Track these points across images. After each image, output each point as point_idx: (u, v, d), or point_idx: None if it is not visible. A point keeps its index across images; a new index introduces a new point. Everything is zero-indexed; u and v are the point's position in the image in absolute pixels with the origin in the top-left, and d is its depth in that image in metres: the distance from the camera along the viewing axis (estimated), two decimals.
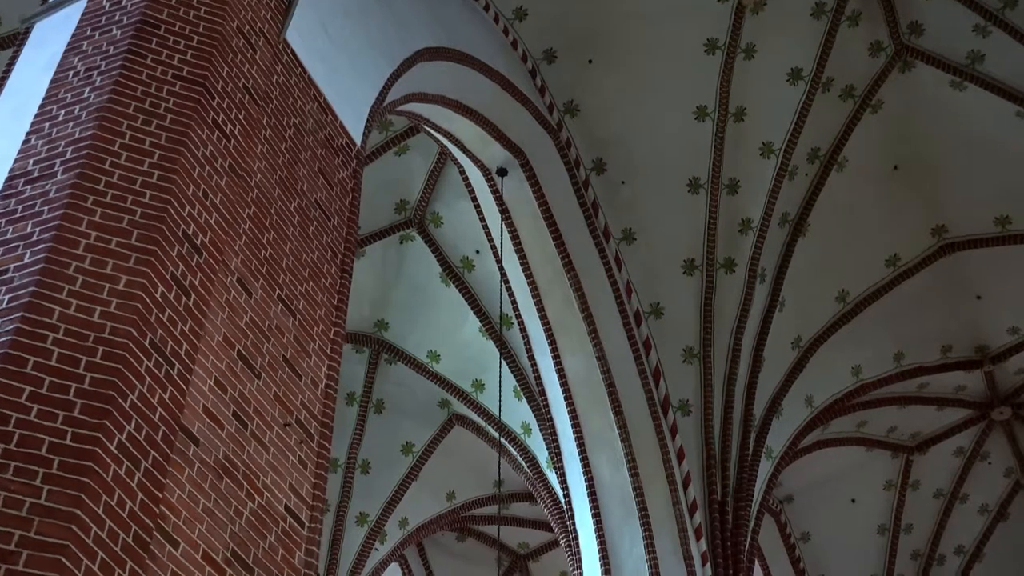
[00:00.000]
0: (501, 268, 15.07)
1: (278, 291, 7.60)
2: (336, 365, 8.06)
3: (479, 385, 17.54)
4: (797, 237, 16.09)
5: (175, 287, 6.10)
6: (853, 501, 20.45)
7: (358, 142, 9.55)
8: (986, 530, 21.14)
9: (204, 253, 6.44)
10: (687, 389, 15.55)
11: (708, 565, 14.50)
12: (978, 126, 15.75)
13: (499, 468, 14.42)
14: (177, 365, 5.95)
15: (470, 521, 20.50)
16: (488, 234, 15.19)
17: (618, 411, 15.03)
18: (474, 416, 17.92)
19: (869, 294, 17.15)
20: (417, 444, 18.81)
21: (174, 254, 6.19)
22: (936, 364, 18.48)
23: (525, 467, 17.08)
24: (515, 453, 17.35)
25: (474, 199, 15.19)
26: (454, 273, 17.05)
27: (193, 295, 6.21)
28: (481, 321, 16.94)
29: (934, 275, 17.33)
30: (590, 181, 15.29)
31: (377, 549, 18.39)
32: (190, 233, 6.37)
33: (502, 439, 16.02)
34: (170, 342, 5.94)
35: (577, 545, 14.85)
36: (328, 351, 8.03)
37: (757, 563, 20.63)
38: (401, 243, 17.21)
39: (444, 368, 17.91)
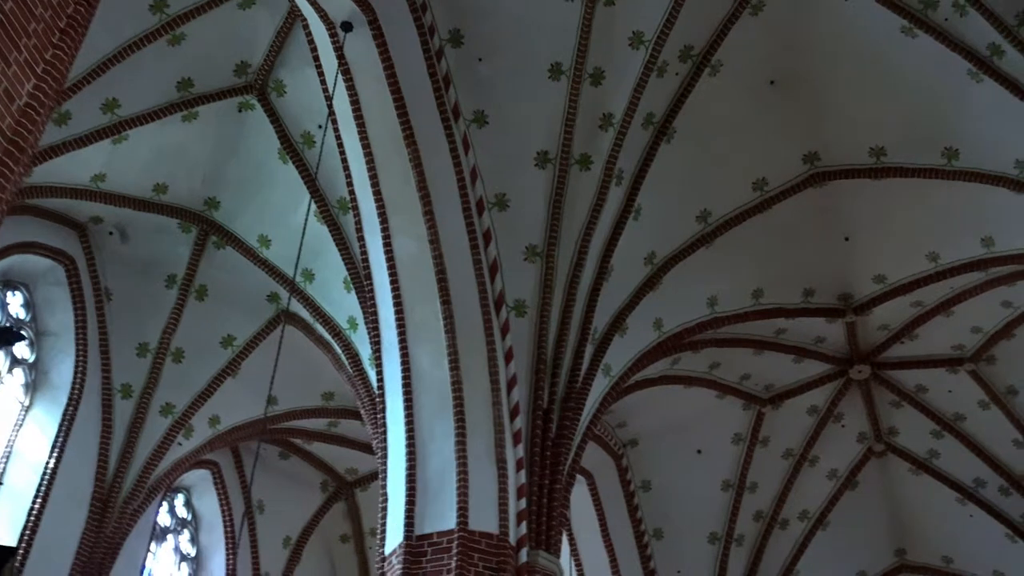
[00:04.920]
0: (335, 123, 13.81)
1: None
2: (47, 91, 6.76)
3: (309, 275, 16.15)
4: (660, 141, 14.88)
5: None
6: (699, 452, 19.42)
7: None
8: (833, 496, 20.27)
9: None
10: (525, 289, 14.33)
11: (523, 472, 13.31)
12: (861, 41, 14.59)
13: (282, 333, 13.09)
14: None
15: (291, 434, 19.11)
16: (329, 100, 13.85)
17: (446, 301, 13.78)
18: (302, 311, 16.50)
19: (732, 217, 15.97)
20: (239, 338, 17.35)
21: None
22: (796, 307, 17.41)
23: (347, 364, 15.76)
24: (339, 350, 16.03)
25: (316, 58, 13.85)
26: (293, 149, 15.68)
27: None
28: (317, 204, 15.57)
29: (802, 206, 16.18)
30: (444, 52, 14.00)
31: (180, 444, 16.86)
32: None
33: (292, 295, 14.70)
34: None
35: (384, 440, 13.58)
36: (39, 71, 6.72)
37: (595, 511, 19.64)
38: (240, 111, 15.77)
39: (273, 255, 16.49)
